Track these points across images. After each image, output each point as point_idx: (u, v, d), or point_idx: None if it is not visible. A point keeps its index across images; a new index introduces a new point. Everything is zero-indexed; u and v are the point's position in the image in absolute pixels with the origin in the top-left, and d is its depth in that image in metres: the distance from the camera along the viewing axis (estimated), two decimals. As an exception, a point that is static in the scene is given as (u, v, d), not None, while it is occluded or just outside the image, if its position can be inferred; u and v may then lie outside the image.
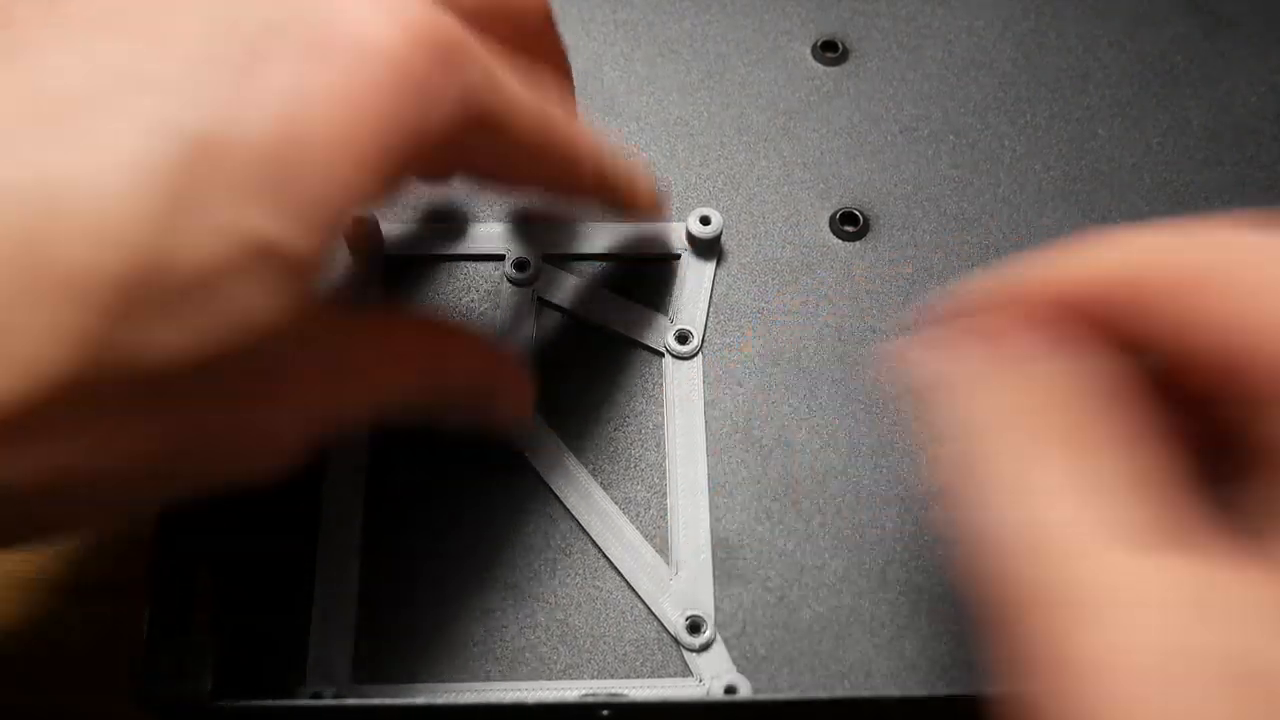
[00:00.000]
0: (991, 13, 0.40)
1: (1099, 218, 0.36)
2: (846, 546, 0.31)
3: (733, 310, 0.34)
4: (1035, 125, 0.38)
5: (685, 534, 0.31)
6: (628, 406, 0.33)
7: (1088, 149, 0.37)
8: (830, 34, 0.39)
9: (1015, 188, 0.37)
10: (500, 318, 0.34)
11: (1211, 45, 0.39)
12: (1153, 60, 0.39)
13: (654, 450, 0.32)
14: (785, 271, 0.35)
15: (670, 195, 0.36)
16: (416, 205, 0.35)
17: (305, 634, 0.29)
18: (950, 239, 0.36)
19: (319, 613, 0.29)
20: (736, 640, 0.30)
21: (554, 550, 0.31)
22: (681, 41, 0.39)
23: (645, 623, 0.30)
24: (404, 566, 0.31)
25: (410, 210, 0.35)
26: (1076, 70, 0.39)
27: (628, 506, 0.32)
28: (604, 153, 0.29)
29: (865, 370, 0.34)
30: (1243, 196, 0.37)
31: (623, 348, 0.34)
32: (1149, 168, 0.37)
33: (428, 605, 0.30)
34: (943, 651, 0.30)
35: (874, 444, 0.33)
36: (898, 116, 0.38)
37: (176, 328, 0.20)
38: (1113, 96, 0.38)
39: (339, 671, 0.29)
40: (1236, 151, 0.38)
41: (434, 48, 0.23)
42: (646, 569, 0.30)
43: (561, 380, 0.33)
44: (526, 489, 0.32)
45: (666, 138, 0.37)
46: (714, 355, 0.34)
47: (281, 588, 0.30)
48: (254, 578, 0.30)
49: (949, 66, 0.39)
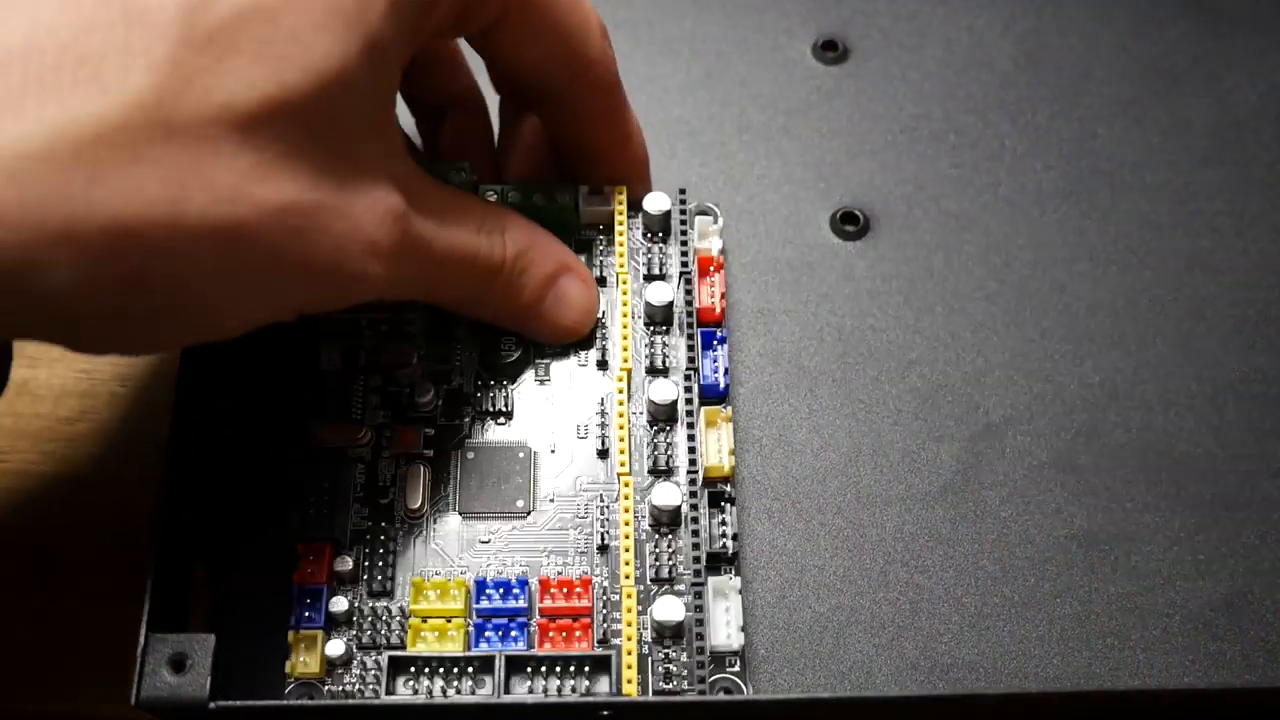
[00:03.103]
0: (991, 13, 0.40)
1: (1099, 218, 0.36)
2: (846, 546, 0.31)
3: (732, 310, 0.34)
4: (1035, 125, 0.38)
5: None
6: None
7: (1088, 149, 0.37)
8: (830, 34, 0.39)
9: (1015, 188, 0.37)
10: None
11: (1211, 45, 0.39)
12: (1153, 60, 0.39)
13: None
14: (785, 271, 0.35)
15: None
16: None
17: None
18: (950, 239, 0.36)
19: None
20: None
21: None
22: (681, 41, 0.39)
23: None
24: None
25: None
26: (1076, 70, 0.39)
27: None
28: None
29: (865, 370, 0.34)
30: (1243, 196, 0.37)
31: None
32: (1149, 168, 0.37)
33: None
34: (943, 651, 0.30)
35: (874, 444, 0.33)
36: (898, 116, 0.38)
37: (248, 63, 0.22)
38: (1113, 96, 0.38)
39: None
40: (1236, 151, 0.38)
41: None
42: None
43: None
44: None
45: (666, 138, 0.37)
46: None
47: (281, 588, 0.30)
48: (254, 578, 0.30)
49: (949, 66, 0.39)
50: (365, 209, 0.25)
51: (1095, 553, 0.31)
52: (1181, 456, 0.33)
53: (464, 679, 0.28)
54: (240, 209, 0.22)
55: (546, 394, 0.32)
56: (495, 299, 0.30)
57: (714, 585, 0.29)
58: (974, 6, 0.40)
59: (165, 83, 0.21)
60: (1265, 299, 0.35)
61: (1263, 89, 0.39)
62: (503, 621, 0.29)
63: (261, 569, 0.30)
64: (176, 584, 0.28)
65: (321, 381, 0.32)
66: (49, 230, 0.20)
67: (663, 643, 0.29)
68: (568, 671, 0.28)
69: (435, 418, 0.31)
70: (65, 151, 0.21)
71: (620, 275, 0.32)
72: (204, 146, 0.22)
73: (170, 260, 0.22)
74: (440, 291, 0.29)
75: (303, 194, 0.23)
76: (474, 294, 0.30)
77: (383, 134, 0.26)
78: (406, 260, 0.26)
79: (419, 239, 0.26)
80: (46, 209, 0.20)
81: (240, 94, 0.22)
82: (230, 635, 0.28)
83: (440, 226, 0.27)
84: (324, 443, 0.31)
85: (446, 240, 0.27)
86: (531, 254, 0.30)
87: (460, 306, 0.30)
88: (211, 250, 0.22)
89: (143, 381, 0.35)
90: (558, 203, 0.32)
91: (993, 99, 0.38)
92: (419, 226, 0.26)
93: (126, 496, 0.33)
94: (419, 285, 0.28)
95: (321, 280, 0.25)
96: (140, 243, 0.21)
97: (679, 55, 0.39)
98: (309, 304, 0.25)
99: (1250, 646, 0.30)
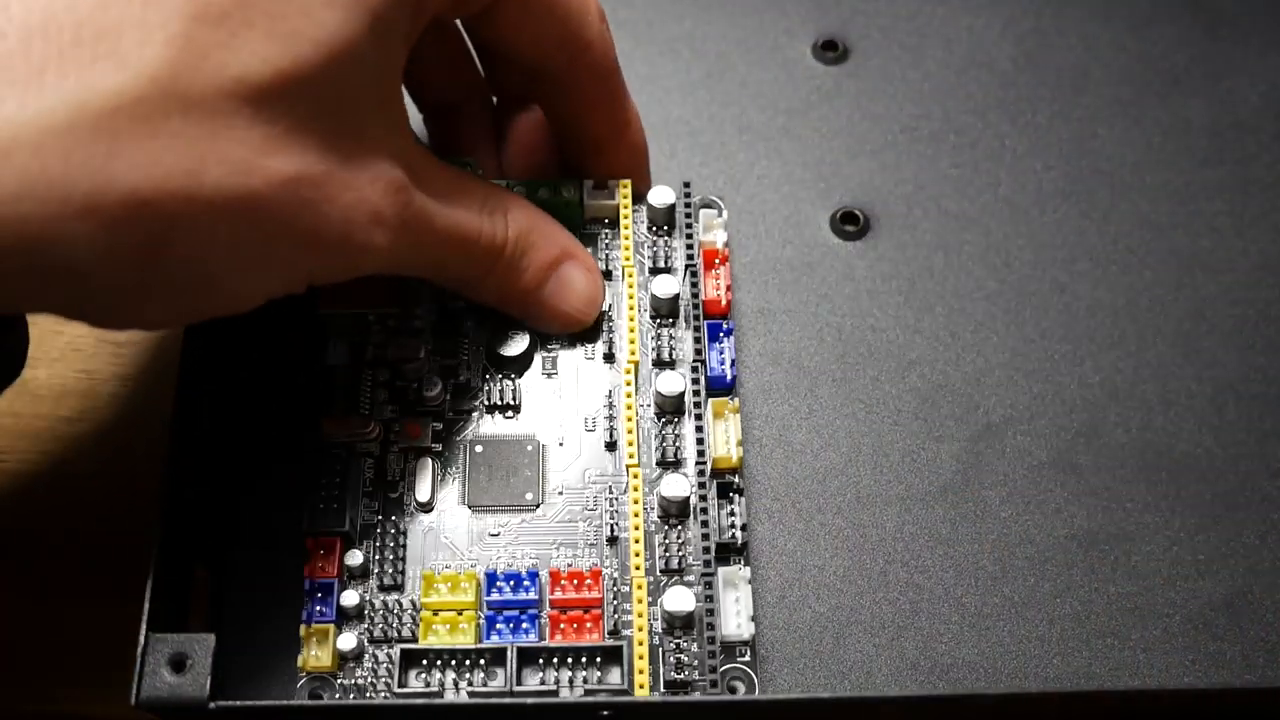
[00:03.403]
0: (991, 13, 0.40)
1: (1099, 218, 0.36)
2: (846, 546, 0.31)
3: (733, 309, 0.34)
4: (1035, 125, 0.38)
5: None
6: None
7: (1088, 149, 0.37)
8: (830, 34, 0.39)
9: (1015, 188, 0.37)
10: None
11: (1211, 45, 0.39)
12: (1153, 60, 0.39)
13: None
14: (785, 271, 0.35)
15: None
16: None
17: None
18: (950, 239, 0.36)
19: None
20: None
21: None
22: (681, 41, 0.39)
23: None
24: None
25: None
26: (1076, 70, 0.39)
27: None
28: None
29: (865, 370, 0.34)
30: (1243, 196, 0.37)
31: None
32: (1149, 168, 0.37)
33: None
34: (943, 651, 0.30)
35: (874, 444, 0.33)
36: (898, 116, 0.38)
37: (260, 37, 0.22)
38: (1113, 96, 0.38)
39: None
40: (1236, 151, 0.38)
41: None
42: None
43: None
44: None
45: (666, 137, 0.37)
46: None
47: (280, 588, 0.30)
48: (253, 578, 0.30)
49: (949, 66, 0.39)
50: (369, 180, 0.25)
51: (1095, 553, 0.31)
52: (1181, 456, 0.33)
53: (476, 671, 0.28)
54: (254, 180, 0.23)
55: (554, 387, 0.32)
56: (496, 280, 0.30)
57: (724, 575, 0.29)
58: (974, 6, 0.40)
59: (180, 57, 0.22)
60: (1265, 299, 0.35)
61: (1263, 89, 0.39)
62: (514, 613, 0.29)
63: (270, 565, 0.30)
64: (176, 584, 0.28)
65: (329, 376, 0.32)
66: (73, 203, 0.21)
67: (673, 633, 0.29)
68: (579, 663, 0.28)
69: (443, 411, 0.31)
70: (85, 125, 0.21)
71: (626, 269, 0.32)
72: (218, 120, 0.22)
73: (188, 231, 0.22)
74: (443, 269, 0.29)
75: (312, 166, 0.24)
76: (476, 273, 0.30)
77: (388, 110, 0.26)
78: (409, 233, 0.26)
79: (421, 212, 0.27)
80: (70, 182, 0.21)
81: (253, 68, 0.22)
82: (237, 631, 0.28)
83: (442, 204, 0.28)
84: (332, 437, 0.31)
85: (448, 217, 0.28)
86: (533, 237, 0.30)
87: (463, 286, 0.31)
88: (227, 221, 0.23)
89: (143, 381, 0.35)
90: (562, 197, 0.32)
91: (993, 99, 0.38)
92: (421, 201, 0.27)
93: (127, 496, 0.33)
94: (421, 260, 0.28)
95: (331, 249, 0.25)
96: (158, 213, 0.22)
97: (679, 55, 0.39)
98: (318, 274, 0.26)
99: (1250, 646, 0.30)
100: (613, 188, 0.33)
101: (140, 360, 0.35)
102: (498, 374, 0.32)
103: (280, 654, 0.29)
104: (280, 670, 0.29)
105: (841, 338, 0.34)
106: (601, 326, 0.32)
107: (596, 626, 0.29)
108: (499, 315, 0.32)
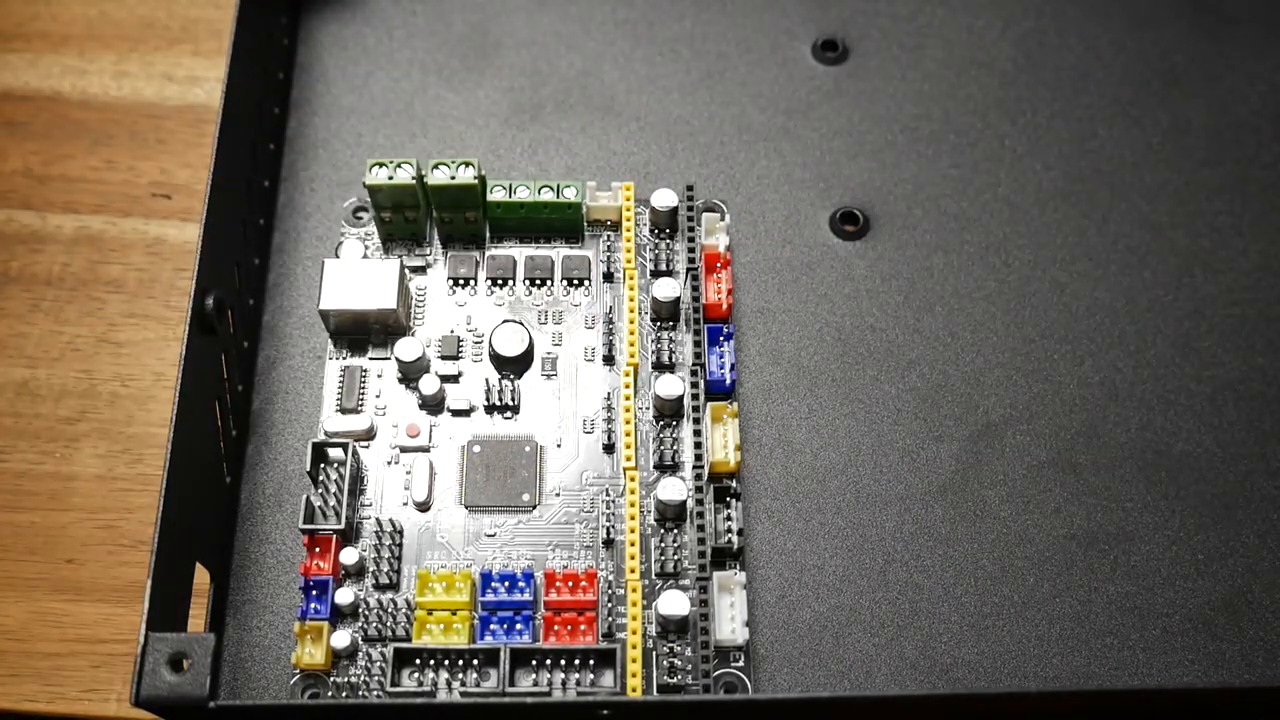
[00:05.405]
0: (991, 13, 0.40)
1: (1099, 218, 0.36)
2: (846, 546, 0.31)
3: (733, 309, 0.34)
4: (1035, 125, 0.38)
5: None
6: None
7: (1088, 149, 0.37)
8: (830, 34, 0.39)
9: (1015, 188, 0.37)
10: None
11: (1211, 45, 0.39)
12: (1153, 60, 0.39)
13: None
14: (785, 271, 0.35)
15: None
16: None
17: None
18: (950, 239, 0.36)
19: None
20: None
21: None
22: (681, 41, 0.39)
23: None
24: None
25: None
26: (1076, 70, 0.39)
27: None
28: None
29: (865, 370, 0.34)
30: (1243, 196, 0.37)
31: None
32: (1149, 168, 0.37)
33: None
34: (942, 651, 0.30)
35: (874, 444, 0.33)
36: (898, 116, 0.38)
37: None
38: (1113, 96, 0.38)
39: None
40: (1236, 151, 0.38)
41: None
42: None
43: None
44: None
45: (666, 138, 0.37)
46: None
47: (279, 587, 0.30)
48: (252, 578, 0.30)
49: (949, 66, 0.39)
50: None
51: (1095, 552, 0.31)
52: (1181, 456, 0.33)
53: (469, 671, 0.28)
54: None
55: (553, 388, 0.32)
56: None
57: (719, 580, 0.29)
58: (974, 6, 0.40)
59: None
60: (1265, 299, 0.35)
61: (1263, 89, 0.39)
62: (508, 614, 0.29)
63: (269, 564, 0.30)
64: (176, 584, 0.28)
65: (329, 374, 0.32)
66: None
67: (667, 637, 0.29)
68: (572, 665, 0.28)
69: (441, 411, 0.31)
70: None
71: (627, 271, 0.32)
72: None
73: None
74: None
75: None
76: None
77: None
78: None
79: None
80: None
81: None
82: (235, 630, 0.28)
83: None
84: (331, 435, 0.31)
85: None
86: None
87: None
88: None
89: (143, 381, 0.35)
90: (564, 198, 0.32)
91: (993, 99, 0.38)
92: None
93: (126, 496, 0.33)
94: None
95: None
96: None
97: (679, 55, 0.39)
98: None
99: (1250, 646, 0.30)
100: (615, 190, 0.33)
101: (140, 361, 0.35)
102: (497, 374, 0.32)
103: (277, 652, 0.29)
104: (275, 668, 0.29)
105: (841, 338, 0.34)
106: (602, 329, 0.32)
107: (590, 629, 0.29)
108: (499, 315, 0.32)
